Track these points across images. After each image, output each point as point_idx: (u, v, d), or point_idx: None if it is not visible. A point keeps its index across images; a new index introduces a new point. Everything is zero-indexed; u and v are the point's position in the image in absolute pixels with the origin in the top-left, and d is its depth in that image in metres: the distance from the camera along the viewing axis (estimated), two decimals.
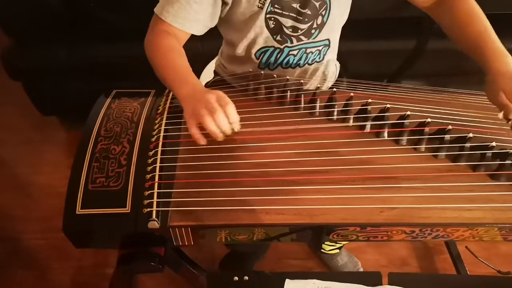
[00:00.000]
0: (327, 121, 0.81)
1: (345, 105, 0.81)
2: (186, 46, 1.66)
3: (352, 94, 0.80)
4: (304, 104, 0.83)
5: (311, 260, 1.47)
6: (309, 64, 0.95)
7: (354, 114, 0.80)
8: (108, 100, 0.85)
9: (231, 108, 0.66)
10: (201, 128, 0.67)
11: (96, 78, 1.57)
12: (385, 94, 0.86)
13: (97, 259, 1.47)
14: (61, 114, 1.95)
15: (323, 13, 0.86)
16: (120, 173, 0.70)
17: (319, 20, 0.87)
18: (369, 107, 0.79)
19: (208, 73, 1.12)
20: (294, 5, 0.84)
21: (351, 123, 0.79)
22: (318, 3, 0.84)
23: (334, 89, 0.82)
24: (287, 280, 0.59)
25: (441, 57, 1.67)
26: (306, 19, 0.86)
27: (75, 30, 1.66)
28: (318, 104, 0.82)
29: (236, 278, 0.60)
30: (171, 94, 0.85)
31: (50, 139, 1.89)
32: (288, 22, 0.87)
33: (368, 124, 0.78)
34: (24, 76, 1.70)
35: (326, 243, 1.38)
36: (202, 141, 0.67)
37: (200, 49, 1.50)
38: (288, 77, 0.87)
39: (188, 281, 0.90)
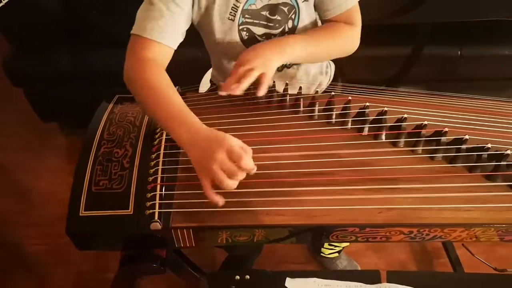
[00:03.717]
0: (326, 124, 0.82)
1: (344, 109, 0.82)
2: (186, 54, 1.68)
3: (350, 97, 0.82)
4: (303, 108, 0.85)
5: (310, 264, 1.47)
6: (288, 67, 0.97)
7: (353, 117, 0.81)
8: (111, 105, 0.87)
9: (247, 161, 0.62)
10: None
11: (96, 84, 1.58)
12: (383, 97, 0.88)
13: (97, 264, 1.47)
14: (61, 121, 1.96)
15: (293, 17, 0.88)
16: (123, 175, 0.71)
17: (290, 24, 0.89)
18: (367, 110, 0.80)
19: (206, 82, 1.13)
20: (263, 12, 0.86)
21: (349, 126, 0.81)
22: (287, 8, 0.86)
23: (333, 93, 0.84)
24: (287, 279, 0.60)
25: (437, 63, 1.69)
26: (277, 25, 0.88)
27: (76, 37, 1.68)
28: (317, 108, 0.83)
29: (237, 277, 0.61)
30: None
31: (50, 145, 1.90)
32: (260, 31, 0.88)
33: (366, 127, 0.79)
34: (26, 82, 1.71)
35: (325, 246, 1.39)
36: (222, 202, 0.64)
37: (199, 57, 1.52)
38: (287, 82, 0.89)
39: (189, 285, 0.90)
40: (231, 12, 0.85)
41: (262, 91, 0.76)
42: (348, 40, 0.88)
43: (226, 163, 0.62)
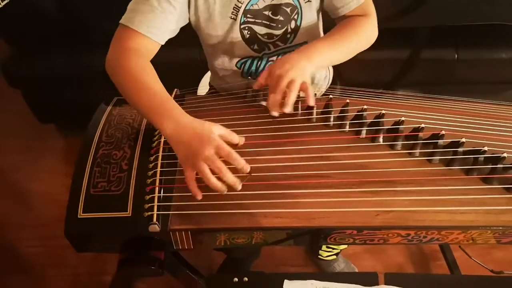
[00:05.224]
0: (324, 127, 0.82)
1: (341, 111, 0.82)
2: (184, 55, 1.68)
3: (348, 100, 0.82)
4: (301, 110, 0.85)
5: (308, 267, 1.47)
6: None
7: (350, 120, 0.82)
8: (110, 107, 0.87)
9: (235, 157, 0.63)
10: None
11: (94, 86, 1.58)
12: (380, 101, 0.88)
13: (94, 267, 1.47)
14: (59, 122, 1.96)
15: (296, 17, 0.88)
16: (121, 177, 0.71)
17: (293, 25, 0.89)
18: (364, 113, 0.80)
19: (205, 84, 1.13)
20: (266, 12, 0.86)
21: (347, 128, 0.81)
22: (289, 8, 0.86)
23: (331, 96, 0.84)
24: (285, 281, 0.60)
25: (434, 66, 1.70)
26: (280, 25, 0.88)
27: (73, 39, 1.68)
28: (315, 111, 0.84)
29: (236, 279, 0.61)
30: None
31: (48, 147, 1.90)
32: (262, 30, 0.89)
33: (364, 129, 0.79)
34: (23, 84, 1.71)
35: (323, 249, 1.40)
36: (199, 196, 0.65)
37: (198, 58, 1.53)
38: None
39: (187, 287, 0.90)
40: (232, 12, 0.85)
41: (312, 100, 0.75)
42: (368, 32, 0.87)
43: (214, 161, 0.63)
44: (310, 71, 0.77)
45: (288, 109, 0.72)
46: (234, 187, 0.64)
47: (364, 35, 0.86)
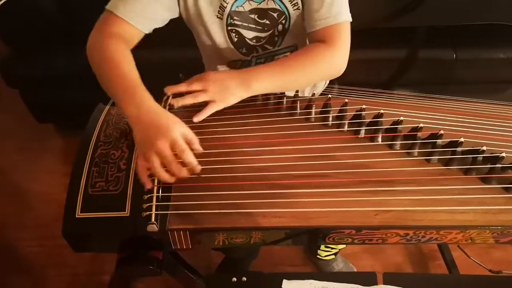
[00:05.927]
0: (322, 126, 0.82)
1: (340, 111, 0.82)
2: (182, 53, 1.67)
3: (346, 100, 0.82)
4: (300, 110, 0.85)
5: (307, 267, 1.48)
6: None
7: (349, 120, 0.82)
8: (108, 106, 0.87)
9: (189, 156, 0.64)
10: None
11: (92, 86, 1.58)
12: (379, 100, 0.88)
13: (93, 267, 1.47)
14: (58, 122, 1.96)
15: (283, 21, 0.87)
16: (119, 177, 0.71)
17: (280, 28, 0.88)
18: (363, 113, 0.80)
19: None
20: (252, 16, 0.85)
21: (346, 128, 0.81)
22: (276, 13, 0.85)
23: (329, 96, 0.84)
24: (284, 280, 0.60)
25: (432, 66, 1.71)
26: (266, 28, 0.87)
27: (72, 39, 1.67)
28: (313, 110, 0.83)
29: (234, 279, 0.61)
30: (169, 100, 0.86)
31: (46, 147, 1.90)
32: (249, 34, 0.88)
33: (363, 129, 0.79)
34: (21, 84, 1.71)
35: (322, 248, 1.40)
36: (149, 185, 0.65)
37: (194, 57, 1.52)
38: None
39: (185, 286, 0.90)
40: (219, 11, 0.84)
41: (197, 118, 0.74)
42: (325, 64, 0.80)
43: (165, 151, 0.63)
44: (238, 97, 0.76)
45: (175, 104, 0.74)
46: (181, 177, 0.65)
47: (318, 65, 0.80)
